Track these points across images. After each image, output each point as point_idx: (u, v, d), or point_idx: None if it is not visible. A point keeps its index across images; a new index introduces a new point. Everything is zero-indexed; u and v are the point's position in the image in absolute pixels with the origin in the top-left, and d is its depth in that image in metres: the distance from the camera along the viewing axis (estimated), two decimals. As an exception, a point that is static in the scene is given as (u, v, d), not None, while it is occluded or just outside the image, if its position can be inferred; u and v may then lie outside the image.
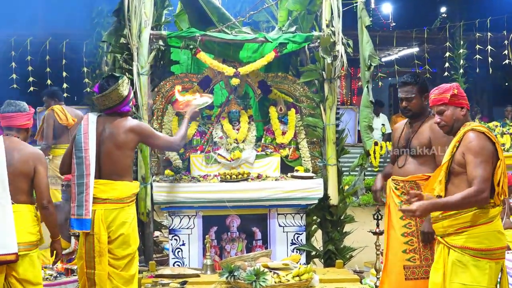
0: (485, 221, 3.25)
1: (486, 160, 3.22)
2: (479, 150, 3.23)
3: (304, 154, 5.42)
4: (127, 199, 4.03)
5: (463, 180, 3.29)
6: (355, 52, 5.37)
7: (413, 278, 4.06)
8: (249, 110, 5.52)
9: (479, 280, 3.22)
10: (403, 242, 4.09)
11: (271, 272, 4.42)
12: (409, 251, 4.07)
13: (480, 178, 3.18)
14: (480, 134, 3.28)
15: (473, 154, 3.23)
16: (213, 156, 5.23)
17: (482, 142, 3.25)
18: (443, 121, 3.46)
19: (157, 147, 4.29)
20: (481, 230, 3.25)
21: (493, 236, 3.26)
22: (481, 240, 3.24)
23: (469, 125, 3.37)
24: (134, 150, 4.16)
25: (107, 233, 3.92)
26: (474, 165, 3.21)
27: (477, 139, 3.26)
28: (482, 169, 3.19)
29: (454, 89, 3.43)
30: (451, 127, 3.44)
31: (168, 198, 4.96)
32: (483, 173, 3.19)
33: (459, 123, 3.42)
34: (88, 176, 3.92)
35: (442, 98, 3.44)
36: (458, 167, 3.31)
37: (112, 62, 5.49)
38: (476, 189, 3.18)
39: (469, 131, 3.32)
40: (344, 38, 5.24)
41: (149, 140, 4.18)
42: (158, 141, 4.21)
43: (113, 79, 4.04)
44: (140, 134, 4.07)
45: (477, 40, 10.98)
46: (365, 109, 5.25)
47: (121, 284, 3.95)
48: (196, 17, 5.49)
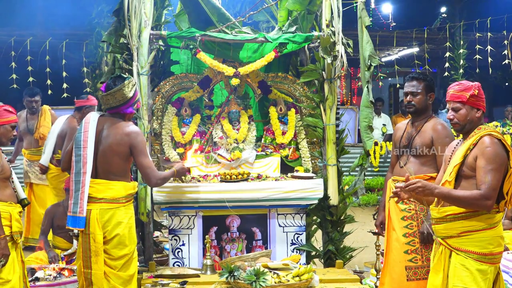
0: (490, 226, 3.24)
1: (497, 168, 3.18)
2: (493, 157, 3.19)
3: (304, 154, 5.42)
4: (123, 199, 4.03)
5: (471, 184, 3.25)
6: (355, 52, 5.36)
7: (415, 279, 4.06)
8: (249, 110, 5.52)
9: (481, 285, 3.22)
10: (405, 243, 4.09)
11: (271, 272, 4.42)
12: (411, 251, 4.07)
13: (488, 185, 3.15)
14: (497, 140, 3.24)
15: (486, 159, 3.19)
16: (213, 156, 5.23)
17: (497, 150, 3.21)
18: (456, 118, 3.38)
19: (139, 164, 4.03)
20: (486, 235, 3.23)
21: (496, 241, 3.26)
22: (485, 245, 3.23)
23: (484, 129, 3.32)
24: (128, 154, 4.05)
25: (103, 233, 3.93)
26: (485, 171, 3.18)
27: (493, 146, 3.22)
28: (492, 177, 3.16)
29: (475, 89, 3.36)
30: (463, 127, 3.38)
31: (168, 198, 4.96)
32: (492, 181, 3.16)
33: (472, 124, 3.36)
34: (85, 174, 3.94)
35: (460, 96, 3.36)
36: (469, 170, 3.27)
37: (112, 62, 5.49)
38: (483, 194, 3.15)
39: (485, 135, 3.26)
40: (344, 38, 5.24)
41: (136, 153, 4.02)
42: (144, 159, 4.03)
43: (120, 79, 4.07)
44: (132, 141, 4.00)
45: (477, 40, 10.98)
46: (365, 109, 5.25)
47: (119, 284, 3.96)
48: (196, 17, 5.49)
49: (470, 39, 11.61)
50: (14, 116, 4.07)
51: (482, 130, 3.32)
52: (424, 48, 11.96)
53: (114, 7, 5.23)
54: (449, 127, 4.22)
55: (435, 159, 4.06)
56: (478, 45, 10.75)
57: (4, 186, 3.94)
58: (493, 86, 14.54)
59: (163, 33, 5.18)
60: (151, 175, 4.08)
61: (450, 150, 3.50)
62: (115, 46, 5.23)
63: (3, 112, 4.01)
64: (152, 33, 5.10)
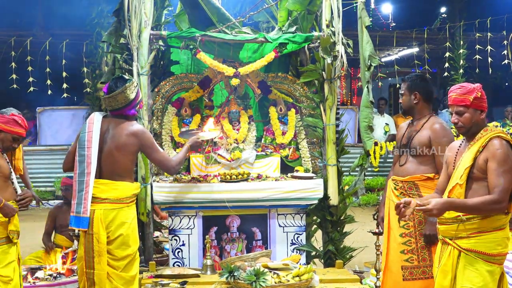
0: (499, 227, 3.24)
1: (509, 170, 3.17)
2: (504, 159, 3.18)
3: (304, 154, 5.42)
4: (127, 200, 4.03)
5: (482, 186, 3.24)
6: (355, 52, 5.36)
7: (411, 279, 4.06)
8: (249, 110, 5.52)
9: (490, 285, 3.22)
10: (401, 243, 4.10)
11: (271, 272, 4.42)
12: (407, 251, 4.08)
13: (501, 187, 3.15)
14: (505, 142, 3.23)
15: (497, 162, 3.18)
16: (213, 156, 5.23)
17: (508, 151, 3.21)
18: (461, 122, 3.35)
19: (153, 160, 4.23)
20: (496, 236, 3.23)
21: (504, 242, 3.26)
22: (495, 246, 3.23)
23: (490, 130, 3.31)
24: (135, 154, 4.14)
25: (106, 233, 3.92)
26: (497, 173, 3.17)
27: (503, 148, 3.20)
28: (504, 179, 3.15)
29: (477, 92, 3.33)
30: (468, 130, 3.36)
31: (168, 198, 4.96)
32: (505, 183, 3.15)
33: (477, 126, 3.34)
34: (89, 174, 3.93)
35: (464, 100, 3.33)
36: (479, 172, 3.25)
37: (112, 62, 5.50)
38: (496, 198, 3.14)
39: (494, 137, 3.25)
40: (344, 38, 5.24)
41: (148, 150, 4.14)
42: (156, 154, 4.16)
43: (122, 81, 4.07)
44: (141, 140, 4.07)
45: (477, 40, 10.98)
46: (365, 109, 5.25)
47: (121, 285, 3.96)
48: (196, 17, 5.49)
49: (470, 39, 11.61)
50: (21, 129, 4.05)
51: (489, 131, 3.30)
52: (424, 48, 11.96)
53: (114, 7, 5.23)
54: (449, 127, 4.23)
55: (434, 159, 4.07)
56: (478, 45, 10.76)
57: (5, 186, 3.94)
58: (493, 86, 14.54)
59: (163, 33, 5.18)
60: (168, 166, 4.24)
61: (453, 152, 3.48)
62: (115, 46, 5.24)
63: (11, 120, 4.00)
64: (152, 33, 5.10)
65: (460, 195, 3.29)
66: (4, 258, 3.86)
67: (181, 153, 4.42)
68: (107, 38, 5.27)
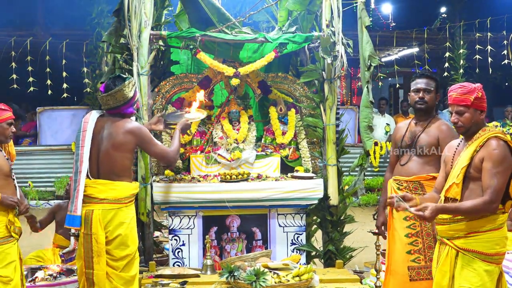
0: (496, 227, 3.25)
1: (503, 171, 3.18)
2: (499, 160, 3.18)
3: (304, 154, 5.42)
4: (125, 200, 4.02)
5: (478, 186, 3.25)
6: (355, 52, 5.36)
7: (418, 279, 4.05)
8: (249, 110, 5.52)
9: (488, 285, 3.23)
10: (407, 243, 4.08)
11: (271, 272, 4.42)
12: (414, 251, 4.07)
13: (493, 188, 3.16)
14: (503, 143, 3.23)
15: (492, 162, 3.19)
16: (213, 156, 5.23)
17: (504, 152, 3.21)
18: (461, 122, 3.35)
19: (153, 154, 4.26)
20: (493, 236, 3.24)
21: (502, 242, 3.27)
22: (492, 245, 3.24)
23: (489, 130, 3.30)
24: (133, 151, 4.15)
25: (105, 234, 3.92)
26: (490, 174, 3.18)
27: (500, 148, 3.21)
28: (497, 180, 3.16)
29: (478, 92, 3.33)
30: (468, 129, 3.36)
31: (168, 198, 4.96)
32: (497, 184, 3.16)
33: (477, 126, 3.34)
34: (80, 173, 3.93)
35: (465, 99, 3.33)
36: (475, 172, 3.26)
37: (112, 62, 5.49)
38: (488, 199, 3.16)
39: (492, 138, 3.25)
40: (344, 38, 5.24)
41: (146, 145, 4.15)
42: (155, 148, 4.16)
43: (120, 79, 4.06)
44: (138, 137, 4.06)
45: (477, 40, 10.98)
46: (365, 109, 5.25)
47: (121, 285, 3.95)
48: (196, 17, 5.49)
49: (470, 39, 11.61)
50: (9, 113, 4.06)
51: (487, 131, 3.30)
52: (424, 48, 11.97)
53: (114, 7, 5.22)
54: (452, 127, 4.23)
55: (439, 159, 4.06)
56: (478, 45, 10.76)
57: (7, 184, 3.94)
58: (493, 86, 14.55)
59: (163, 33, 5.18)
60: (168, 157, 4.27)
61: (451, 151, 3.49)
62: (115, 46, 5.23)
63: None
64: (152, 33, 5.10)
65: (456, 194, 3.31)
66: (4, 258, 3.86)
67: (176, 140, 4.40)
68: (107, 38, 5.27)
